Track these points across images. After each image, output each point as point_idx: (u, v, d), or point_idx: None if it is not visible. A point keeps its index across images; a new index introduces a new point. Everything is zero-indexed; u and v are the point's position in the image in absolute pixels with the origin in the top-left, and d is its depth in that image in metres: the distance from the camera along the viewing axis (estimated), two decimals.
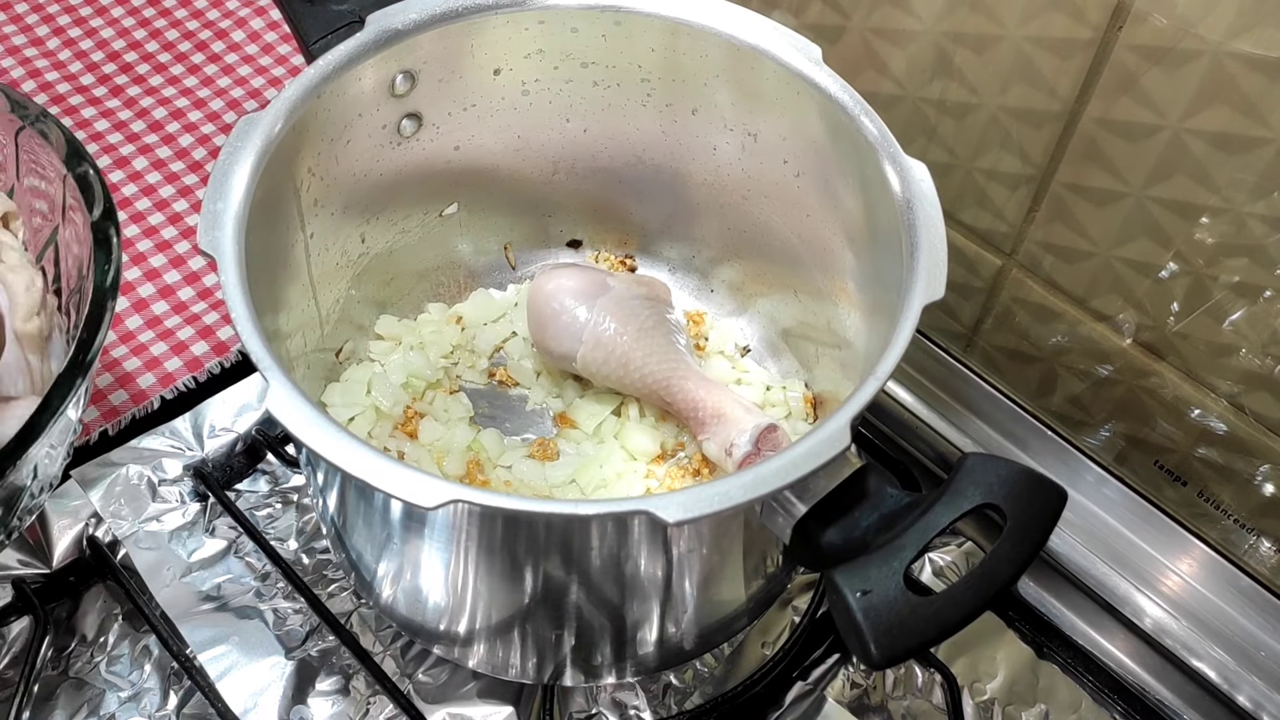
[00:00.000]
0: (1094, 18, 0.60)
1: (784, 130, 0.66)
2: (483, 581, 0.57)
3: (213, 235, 0.54)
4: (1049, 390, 0.76)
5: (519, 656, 0.63)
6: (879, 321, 0.61)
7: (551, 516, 0.49)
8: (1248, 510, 0.70)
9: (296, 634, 0.69)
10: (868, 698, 0.69)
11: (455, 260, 0.77)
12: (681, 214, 0.76)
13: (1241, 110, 0.57)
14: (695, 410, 0.67)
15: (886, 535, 0.48)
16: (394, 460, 0.48)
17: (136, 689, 0.68)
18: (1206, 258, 0.63)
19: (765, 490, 0.48)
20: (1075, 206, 0.67)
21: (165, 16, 0.99)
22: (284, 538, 0.73)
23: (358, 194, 0.68)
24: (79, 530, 0.71)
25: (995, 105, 0.67)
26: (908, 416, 0.79)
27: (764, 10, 0.67)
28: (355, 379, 0.72)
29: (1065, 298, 0.71)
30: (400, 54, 0.64)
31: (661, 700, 0.68)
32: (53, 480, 0.62)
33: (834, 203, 0.65)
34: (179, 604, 0.69)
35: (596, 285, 0.70)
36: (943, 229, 0.57)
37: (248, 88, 0.95)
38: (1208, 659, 0.70)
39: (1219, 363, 0.66)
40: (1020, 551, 0.48)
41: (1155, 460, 0.73)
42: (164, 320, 0.82)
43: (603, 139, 0.73)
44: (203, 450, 0.75)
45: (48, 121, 0.64)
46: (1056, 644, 0.72)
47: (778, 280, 0.73)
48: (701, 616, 0.62)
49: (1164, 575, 0.72)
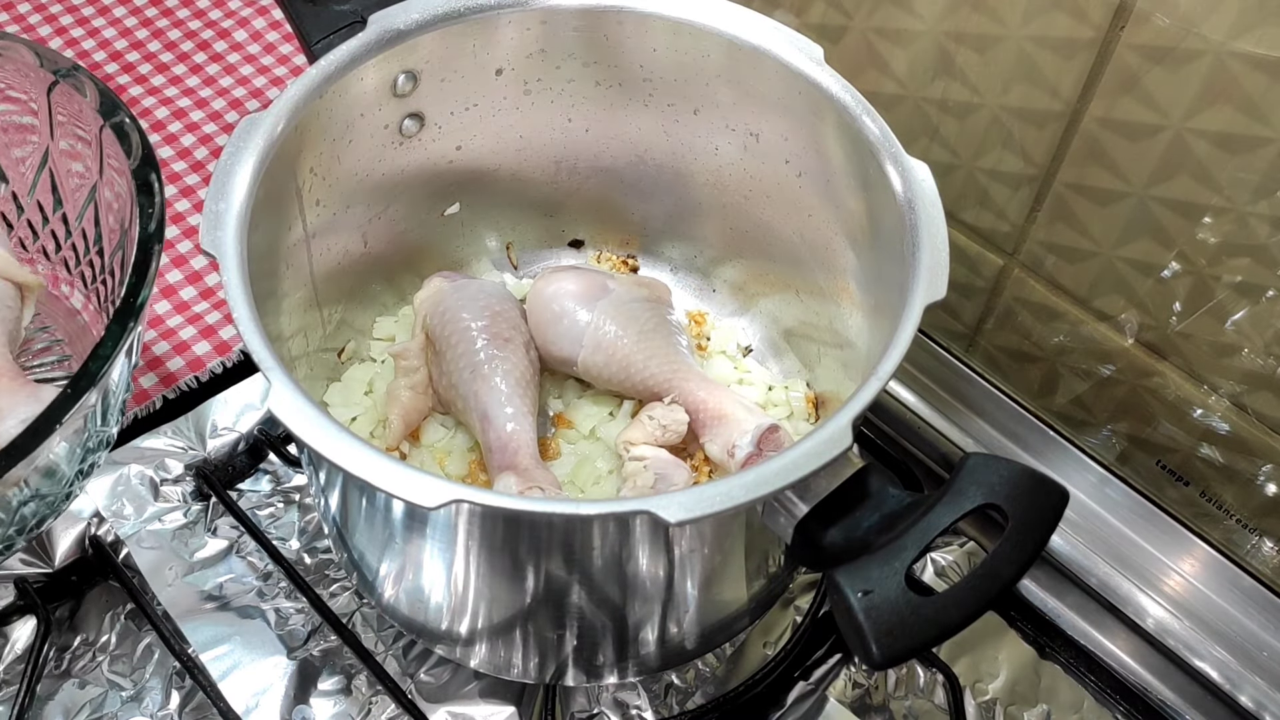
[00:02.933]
0: (1096, 17, 0.60)
1: (786, 130, 0.66)
2: (484, 581, 0.58)
3: (215, 235, 0.54)
4: (1051, 390, 0.76)
5: (521, 656, 0.63)
6: (881, 321, 0.61)
7: (553, 516, 0.49)
8: (1250, 510, 0.70)
9: (298, 634, 0.69)
10: (869, 698, 0.69)
11: (457, 260, 0.77)
12: (683, 214, 0.76)
13: (1244, 110, 0.57)
14: (697, 412, 0.67)
15: (888, 535, 0.48)
16: (396, 460, 0.48)
17: (138, 688, 0.68)
18: (1209, 257, 0.63)
19: (767, 490, 0.48)
20: (1077, 206, 0.67)
21: (167, 16, 0.99)
22: (286, 537, 0.73)
23: (360, 194, 0.68)
24: (81, 530, 0.71)
25: (997, 105, 0.67)
26: (910, 416, 0.79)
27: (766, 10, 0.67)
28: (357, 379, 0.72)
29: (1067, 297, 0.71)
30: (402, 54, 0.64)
31: (663, 700, 0.68)
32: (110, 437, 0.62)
33: (836, 203, 0.65)
34: (181, 603, 0.69)
35: (597, 288, 0.70)
36: (945, 229, 0.57)
37: (250, 87, 0.95)
38: (1210, 659, 0.70)
39: (1221, 363, 0.66)
40: (1022, 551, 0.48)
41: (1157, 460, 0.73)
42: (166, 320, 0.82)
43: (605, 139, 0.73)
44: (205, 450, 0.75)
45: (79, 74, 0.64)
46: (1058, 644, 0.72)
47: (780, 280, 0.73)
48: (703, 616, 0.62)
49: (1166, 575, 0.72)
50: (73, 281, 0.72)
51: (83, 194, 0.67)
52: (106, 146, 0.63)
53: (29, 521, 0.60)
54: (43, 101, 0.66)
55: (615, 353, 0.68)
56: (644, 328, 0.69)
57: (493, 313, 0.69)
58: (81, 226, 0.67)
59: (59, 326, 0.74)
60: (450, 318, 0.68)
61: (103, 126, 0.62)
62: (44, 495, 0.59)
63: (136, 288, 0.57)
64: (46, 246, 0.72)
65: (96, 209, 0.66)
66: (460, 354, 0.67)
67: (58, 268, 0.72)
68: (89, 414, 0.58)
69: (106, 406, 0.59)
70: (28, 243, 0.73)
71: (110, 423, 0.61)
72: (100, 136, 0.63)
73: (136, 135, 0.62)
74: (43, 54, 0.64)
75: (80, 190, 0.67)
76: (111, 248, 0.65)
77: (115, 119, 0.62)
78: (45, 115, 0.66)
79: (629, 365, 0.68)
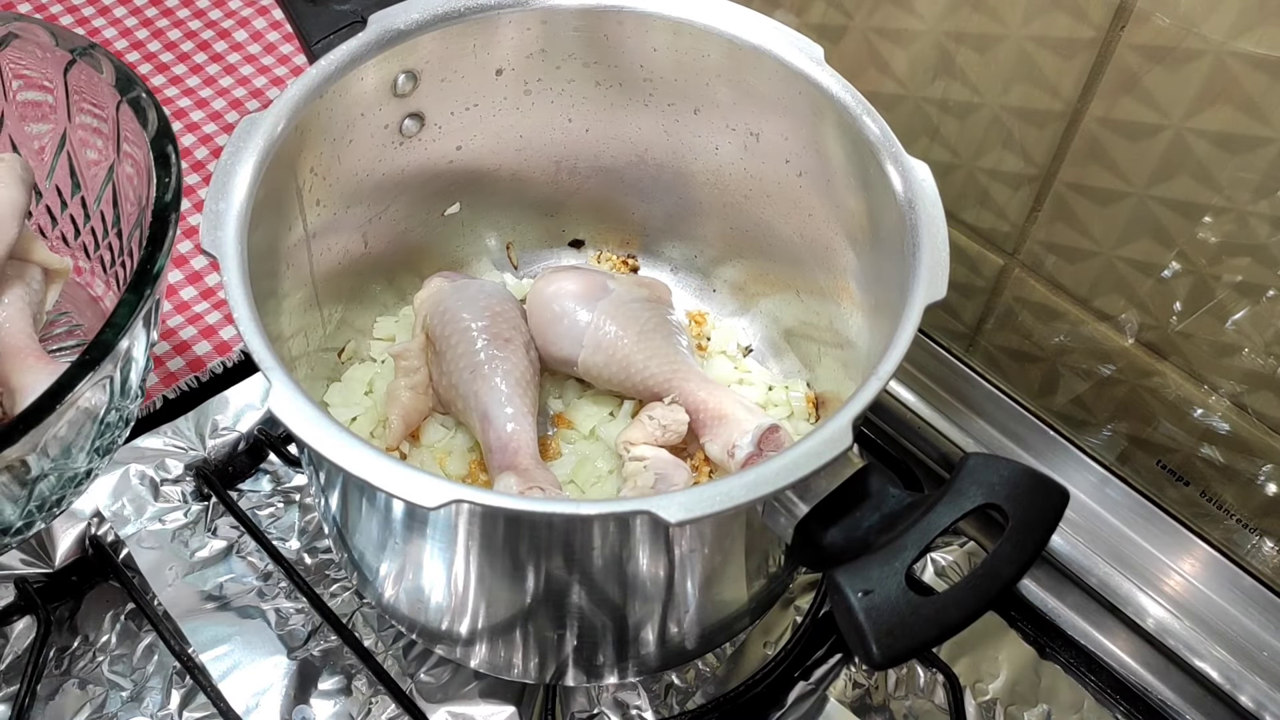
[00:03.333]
0: (1096, 17, 0.60)
1: (786, 130, 0.66)
2: (485, 581, 0.58)
3: (215, 235, 0.54)
4: (1051, 390, 0.76)
5: (521, 656, 0.63)
6: (881, 321, 0.61)
7: (553, 516, 0.49)
8: (1250, 510, 0.70)
9: (298, 633, 0.69)
10: (870, 698, 0.69)
11: (458, 260, 0.77)
12: (684, 214, 0.76)
13: (1244, 110, 0.57)
14: (697, 412, 0.67)
15: (888, 535, 0.48)
16: (396, 460, 0.48)
17: (139, 689, 0.68)
18: (1209, 257, 0.63)
19: (767, 490, 0.48)
20: (1077, 206, 0.67)
21: (168, 16, 0.99)
22: (286, 537, 0.73)
23: (360, 194, 0.68)
24: (81, 530, 0.71)
25: (997, 105, 0.67)
26: (910, 416, 0.79)
27: (766, 10, 0.67)
28: (357, 379, 0.72)
29: (1068, 297, 0.71)
30: (402, 54, 0.64)
31: (663, 700, 0.68)
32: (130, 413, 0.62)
33: (836, 202, 0.65)
34: (181, 603, 0.69)
35: (597, 288, 0.70)
36: (945, 229, 0.57)
37: (250, 87, 0.95)
38: (1210, 659, 0.70)
39: (1221, 362, 0.66)
40: (1022, 551, 0.48)
41: (1158, 460, 0.73)
42: (167, 320, 0.82)
43: (605, 139, 0.73)
44: (205, 450, 0.75)
45: (96, 52, 0.64)
46: (1059, 644, 0.72)
47: (780, 280, 0.73)
48: (703, 616, 0.62)
49: (1166, 575, 0.72)
50: (93, 269, 0.72)
51: (100, 175, 0.67)
52: (124, 123, 0.63)
53: (48, 498, 0.59)
54: (59, 82, 0.65)
55: (615, 353, 0.68)
56: (644, 328, 0.69)
57: (493, 313, 0.69)
58: (100, 209, 0.67)
59: (80, 313, 0.74)
60: (451, 318, 0.68)
61: (120, 102, 0.62)
62: (64, 471, 0.59)
63: (153, 256, 0.57)
64: (65, 232, 0.72)
65: (115, 190, 0.66)
66: (461, 354, 0.67)
67: (77, 254, 0.72)
68: (109, 384, 0.57)
69: (126, 378, 0.59)
70: (47, 229, 0.73)
71: (130, 396, 0.61)
72: (118, 113, 0.63)
73: (153, 110, 0.61)
74: (58, 34, 0.64)
75: (98, 172, 0.67)
76: (130, 227, 0.65)
77: (132, 94, 0.62)
78: (62, 96, 0.66)
79: (629, 365, 0.68)
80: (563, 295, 0.70)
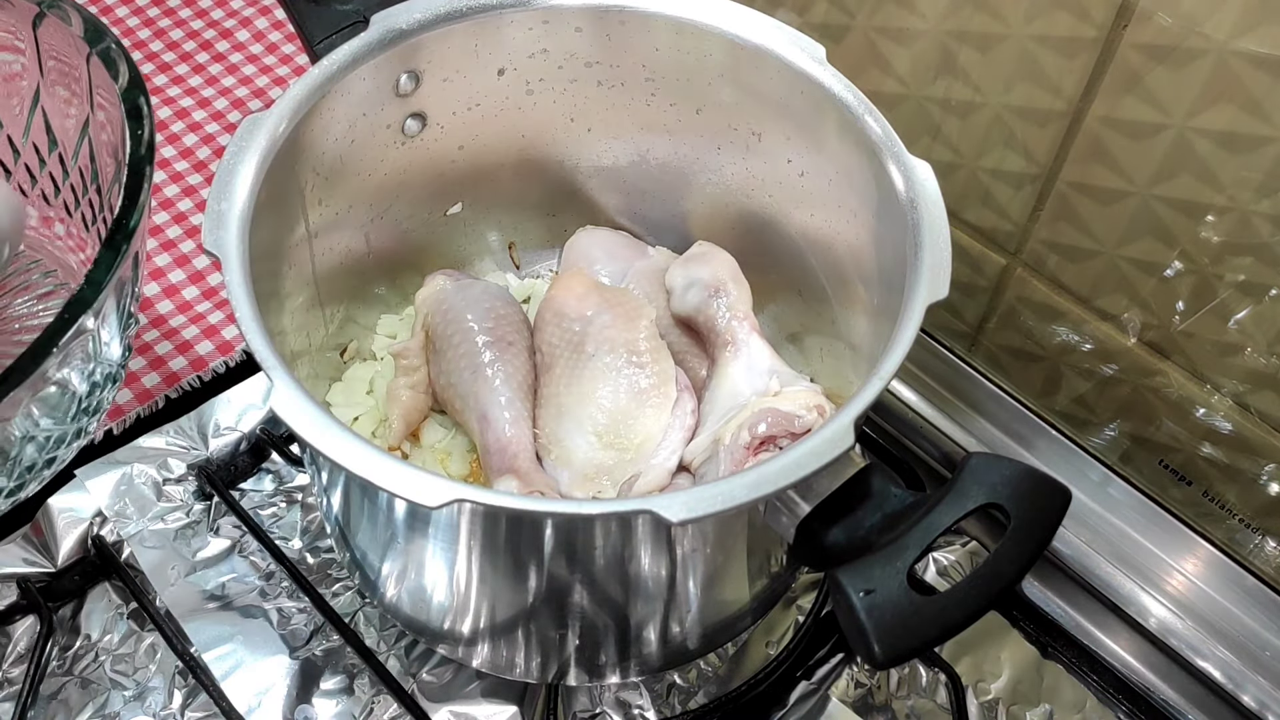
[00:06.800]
0: (1099, 16, 0.60)
1: (788, 130, 0.66)
2: (486, 581, 0.58)
3: (217, 235, 0.54)
4: (1053, 389, 0.76)
5: (523, 656, 0.63)
6: (883, 321, 0.61)
7: (555, 516, 0.49)
8: (1253, 510, 0.70)
9: (301, 633, 0.69)
10: (872, 697, 0.69)
11: (460, 260, 0.77)
12: (686, 213, 0.76)
13: (1247, 109, 0.57)
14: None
15: (890, 535, 0.48)
16: (398, 459, 0.48)
17: (141, 688, 0.68)
18: (1212, 257, 0.63)
19: (769, 489, 0.48)
20: (1080, 205, 0.67)
21: (169, 16, 0.99)
22: (288, 537, 0.73)
23: (362, 193, 0.68)
24: (83, 529, 0.71)
25: (1000, 104, 0.67)
26: (912, 416, 0.79)
27: (768, 9, 0.67)
28: (359, 378, 0.72)
29: (1070, 297, 0.71)
30: (405, 54, 0.64)
31: (665, 700, 0.68)
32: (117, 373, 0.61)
33: (838, 202, 0.65)
34: (184, 603, 0.69)
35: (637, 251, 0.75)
36: (947, 228, 0.57)
37: (252, 87, 0.95)
38: (1213, 659, 0.70)
39: (1224, 362, 0.66)
40: (1024, 551, 0.48)
41: (1160, 460, 0.73)
42: (169, 319, 0.82)
43: (607, 139, 0.73)
44: (207, 449, 0.75)
45: (63, 4, 0.63)
46: (1061, 644, 0.72)
47: (782, 280, 0.73)
48: (705, 616, 0.62)
49: (1169, 575, 0.72)
50: (76, 228, 0.72)
51: (76, 130, 0.66)
52: (95, 77, 0.62)
53: (37, 460, 0.58)
54: (28, 35, 0.65)
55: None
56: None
57: (497, 315, 0.69)
58: (78, 165, 0.66)
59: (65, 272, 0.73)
60: (453, 317, 0.68)
61: (89, 54, 0.61)
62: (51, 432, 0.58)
63: (128, 210, 0.56)
64: (45, 190, 0.71)
65: (91, 145, 0.65)
66: (462, 354, 0.67)
67: (58, 212, 0.72)
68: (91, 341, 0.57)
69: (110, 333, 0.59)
70: (27, 188, 0.72)
71: (115, 350, 0.60)
72: (88, 66, 0.62)
73: (124, 62, 0.61)
74: None
75: (73, 127, 0.66)
76: (108, 183, 0.65)
77: (101, 45, 0.61)
78: (33, 51, 0.65)
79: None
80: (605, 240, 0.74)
